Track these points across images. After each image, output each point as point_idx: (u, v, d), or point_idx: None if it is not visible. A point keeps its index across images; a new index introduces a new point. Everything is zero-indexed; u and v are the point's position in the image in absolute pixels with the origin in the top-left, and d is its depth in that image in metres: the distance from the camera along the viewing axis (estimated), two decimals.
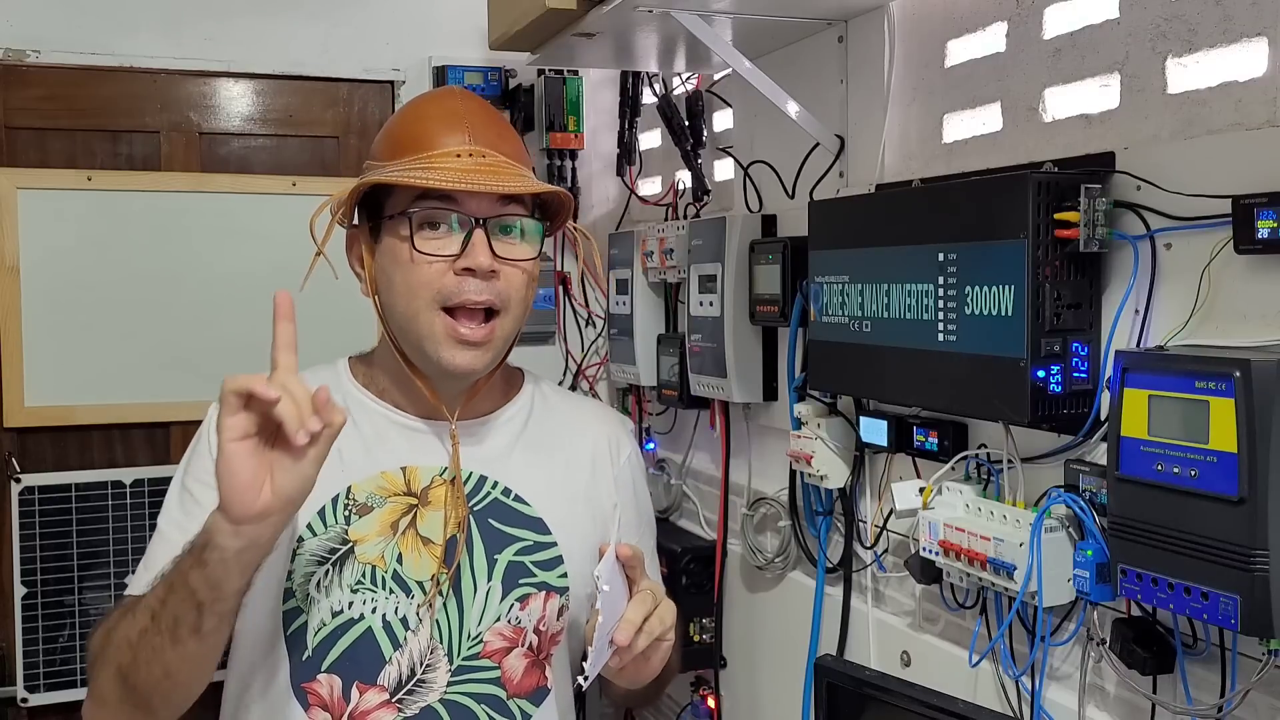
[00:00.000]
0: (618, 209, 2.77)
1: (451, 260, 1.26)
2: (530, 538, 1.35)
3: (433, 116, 1.31)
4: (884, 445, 1.66)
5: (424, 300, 1.26)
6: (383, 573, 1.29)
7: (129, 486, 2.53)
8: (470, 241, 1.26)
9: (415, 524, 1.30)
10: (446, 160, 1.26)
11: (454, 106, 1.32)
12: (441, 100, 1.35)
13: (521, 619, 1.34)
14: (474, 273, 1.26)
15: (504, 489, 1.36)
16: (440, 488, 1.32)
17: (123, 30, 2.56)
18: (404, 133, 1.31)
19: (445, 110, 1.31)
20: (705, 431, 2.33)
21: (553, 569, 1.36)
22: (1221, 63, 1.21)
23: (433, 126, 1.29)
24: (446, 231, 1.27)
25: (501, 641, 1.33)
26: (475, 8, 2.22)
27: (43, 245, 2.49)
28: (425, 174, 1.24)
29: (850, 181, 1.83)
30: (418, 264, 1.26)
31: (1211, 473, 1.07)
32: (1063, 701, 1.38)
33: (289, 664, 1.28)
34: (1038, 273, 1.29)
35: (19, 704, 2.46)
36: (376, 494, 1.31)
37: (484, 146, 1.28)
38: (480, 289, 1.26)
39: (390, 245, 1.29)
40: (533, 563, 1.35)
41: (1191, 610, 1.09)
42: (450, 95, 1.37)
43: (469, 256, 1.25)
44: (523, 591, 1.34)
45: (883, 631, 1.76)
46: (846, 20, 1.82)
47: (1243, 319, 1.16)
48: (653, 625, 1.19)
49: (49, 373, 2.50)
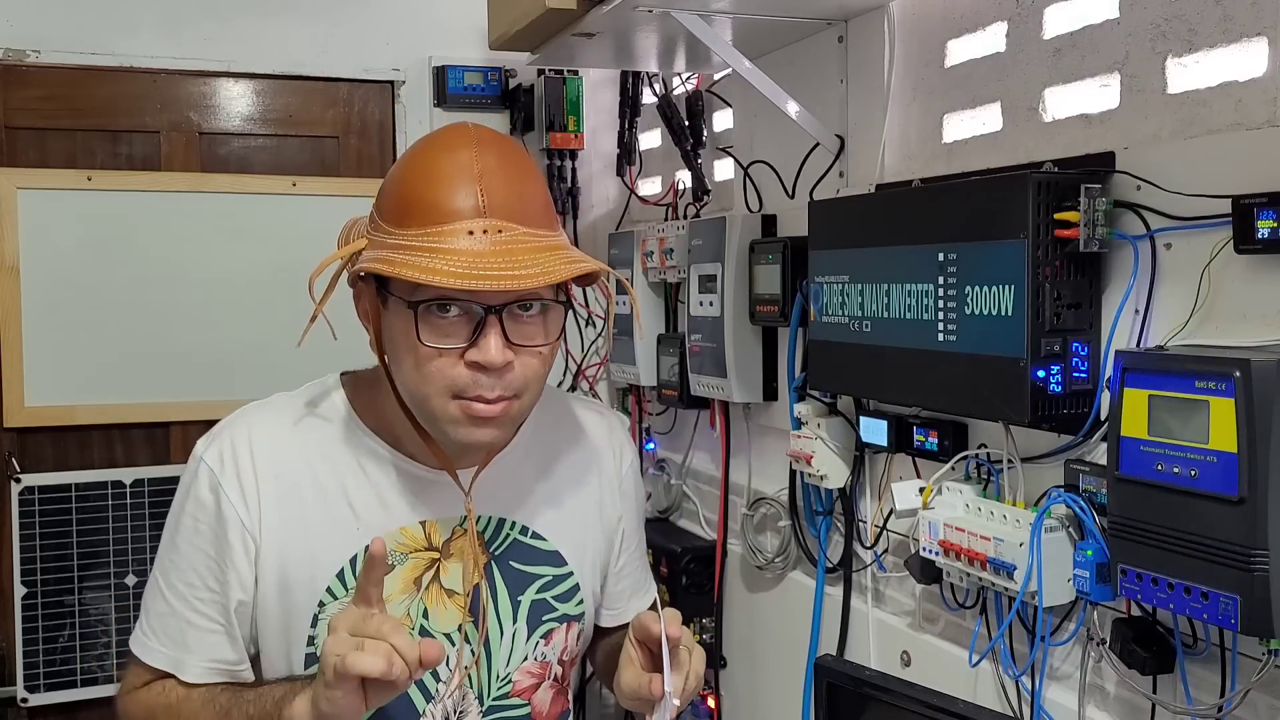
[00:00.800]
0: (618, 209, 2.77)
1: (460, 352, 1.14)
2: (549, 573, 1.33)
3: (443, 173, 1.14)
4: (884, 445, 1.66)
5: (435, 388, 1.15)
6: (409, 628, 1.23)
7: (129, 486, 2.54)
8: (482, 333, 1.13)
9: (439, 578, 1.26)
10: (456, 239, 1.11)
11: (467, 162, 1.14)
12: (454, 151, 1.16)
13: (546, 654, 1.33)
14: (485, 368, 1.14)
15: (521, 528, 1.32)
16: (461, 540, 1.27)
17: (123, 30, 2.56)
18: (411, 194, 1.15)
19: (457, 167, 1.14)
20: (705, 431, 2.33)
21: (571, 599, 1.35)
22: (1221, 62, 1.21)
23: (443, 191, 1.13)
24: (456, 315, 1.14)
25: (530, 679, 1.32)
26: (475, 8, 2.22)
27: (43, 245, 2.49)
28: (430, 262, 1.09)
29: (850, 181, 1.83)
30: (425, 355, 1.14)
31: (1211, 473, 1.07)
32: (1063, 701, 1.38)
33: None
34: (1038, 273, 1.29)
35: (19, 704, 2.46)
36: (397, 551, 1.25)
37: (501, 218, 1.12)
38: (493, 384, 1.15)
39: (396, 321, 1.16)
40: (553, 597, 1.33)
41: (1191, 610, 1.09)
42: (464, 141, 1.17)
43: (480, 351, 1.13)
44: (547, 628, 1.32)
45: (883, 631, 1.76)
46: (846, 20, 1.82)
47: (1243, 319, 1.16)
48: (691, 686, 1.20)
49: (49, 373, 2.50)
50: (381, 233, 1.16)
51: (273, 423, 1.26)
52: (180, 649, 1.23)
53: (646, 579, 1.51)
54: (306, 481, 1.24)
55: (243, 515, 1.21)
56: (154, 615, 1.25)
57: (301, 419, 1.27)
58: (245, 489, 1.22)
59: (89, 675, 2.50)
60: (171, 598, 1.24)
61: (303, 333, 1.17)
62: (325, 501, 1.24)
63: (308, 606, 1.23)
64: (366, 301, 1.21)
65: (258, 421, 1.26)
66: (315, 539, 1.23)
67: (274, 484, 1.22)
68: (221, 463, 1.22)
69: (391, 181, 1.20)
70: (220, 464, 1.22)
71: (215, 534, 1.22)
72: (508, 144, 1.22)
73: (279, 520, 1.22)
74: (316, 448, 1.25)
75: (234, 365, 2.60)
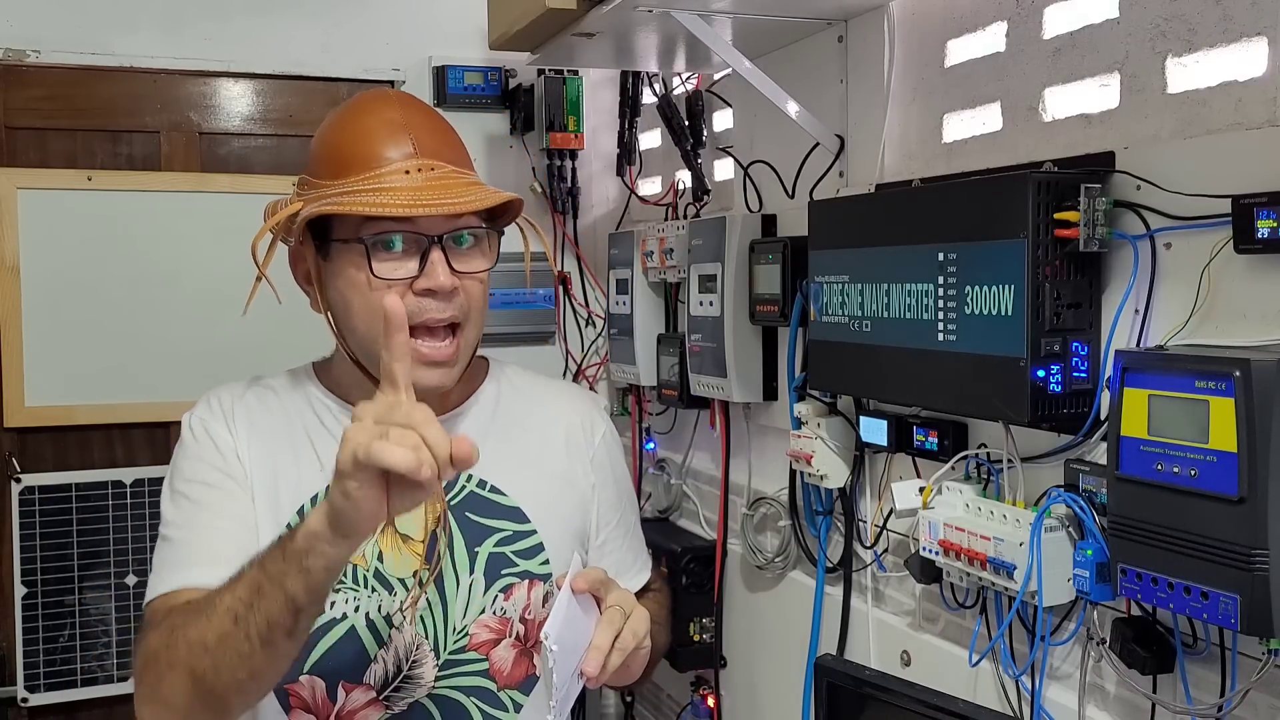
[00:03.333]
0: (618, 209, 2.77)
1: (409, 282, 1.24)
2: (509, 528, 1.36)
3: (374, 130, 1.27)
4: (884, 445, 1.66)
5: (367, 308, 1.24)
6: (364, 571, 1.29)
7: (129, 486, 2.54)
8: (429, 261, 1.24)
9: (393, 522, 1.29)
10: (395, 178, 1.23)
11: (393, 116, 1.27)
12: (379, 109, 1.30)
13: (507, 609, 1.34)
14: (434, 293, 1.24)
15: (479, 481, 1.36)
16: None
17: (123, 30, 2.56)
18: (346, 150, 1.27)
19: (385, 121, 1.27)
20: (705, 431, 2.33)
21: (534, 557, 1.37)
22: (1221, 62, 1.21)
23: (375, 141, 1.25)
24: (401, 251, 1.25)
25: (488, 634, 1.33)
26: (475, 7, 2.22)
27: (43, 245, 2.49)
28: (376, 199, 1.21)
29: (850, 181, 1.83)
30: (376, 289, 1.23)
31: (1211, 472, 1.07)
32: (1063, 701, 1.38)
33: None
34: (1038, 272, 1.29)
35: (19, 704, 2.46)
36: None
37: (430, 158, 1.25)
38: (442, 308, 1.25)
39: (343, 268, 1.27)
40: (514, 552, 1.35)
41: (1191, 610, 1.09)
42: (386, 102, 1.31)
43: (429, 278, 1.23)
44: (506, 582, 1.34)
45: (883, 631, 1.76)
46: (846, 20, 1.82)
47: (1242, 318, 1.16)
48: (625, 641, 1.16)
49: (49, 372, 2.50)
50: (318, 189, 1.27)
51: (245, 387, 1.42)
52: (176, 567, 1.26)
53: (636, 562, 1.51)
54: (278, 427, 1.36)
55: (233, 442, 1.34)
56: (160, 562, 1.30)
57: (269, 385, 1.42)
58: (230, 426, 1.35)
59: (89, 675, 2.50)
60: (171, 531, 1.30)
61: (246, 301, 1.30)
62: (293, 446, 1.34)
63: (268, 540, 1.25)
64: (308, 262, 1.31)
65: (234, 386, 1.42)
66: (282, 479, 1.32)
67: (248, 429, 1.35)
68: (206, 412, 1.37)
69: (323, 144, 1.32)
70: (206, 413, 1.36)
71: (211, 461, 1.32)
72: (425, 104, 1.37)
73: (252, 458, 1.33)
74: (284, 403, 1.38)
75: (235, 365, 2.57)
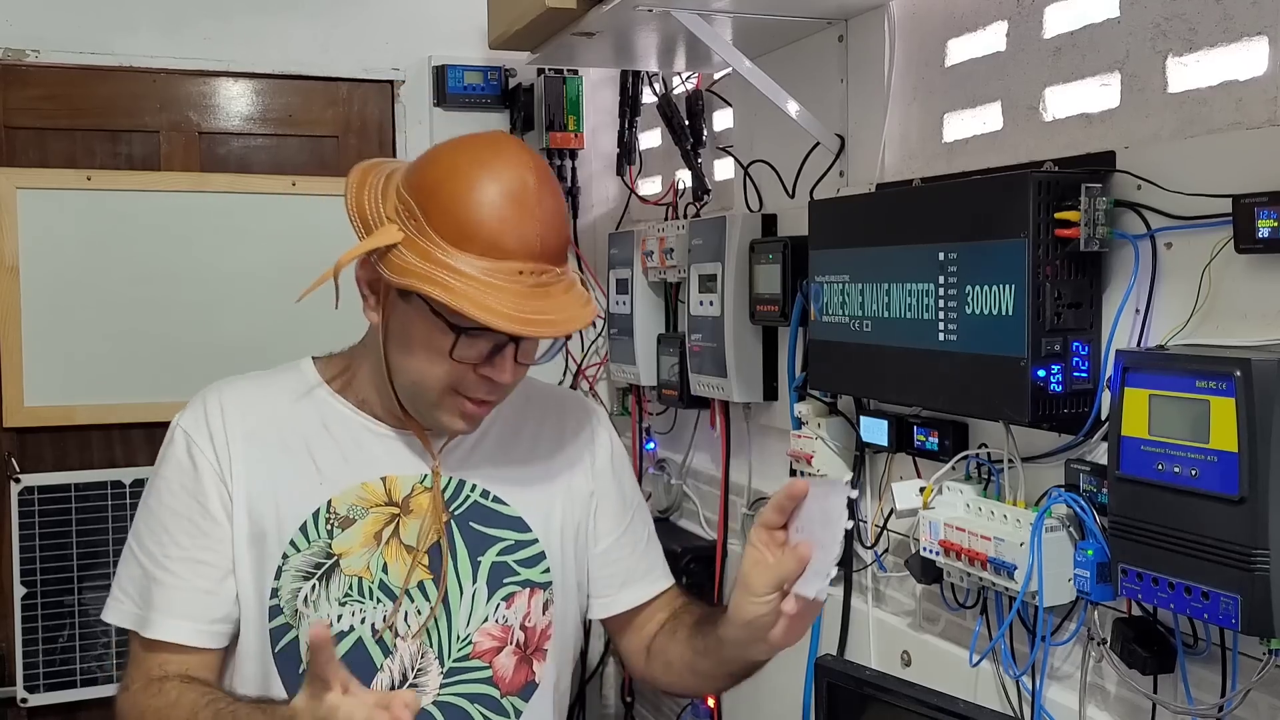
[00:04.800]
0: (618, 208, 2.77)
1: (474, 365, 1.23)
2: (511, 537, 1.36)
3: (503, 209, 1.19)
4: (884, 445, 1.66)
5: (441, 386, 1.24)
6: (369, 583, 1.29)
7: (128, 486, 2.53)
8: (501, 355, 1.23)
9: (398, 533, 1.31)
10: (508, 278, 1.18)
11: (529, 198, 1.20)
12: (514, 178, 1.20)
13: (508, 617, 1.35)
14: (494, 380, 1.24)
15: (482, 491, 1.36)
16: (421, 496, 1.32)
17: (122, 30, 2.56)
18: (470, 218, 1.19)
19: (519, 202, 1.19)
20: (705, 431, 2.33)
21: (535, 565, 1.37)
22: (1222, 62, 1.21)
23: (507, 227, 1.19)
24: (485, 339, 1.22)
25: (491, 641, 1.34)
26: (475, 7, 2.22)
27: (43, 245, 2.49)
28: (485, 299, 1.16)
29: (850, 181, 1.83)
30: (439, 358, 1.22)
31: (1212, 472, 1.07)
32: (1063, 701, 1.38)
33: (280, 680, 1.28)
34: (1038, 272, 1.29)
35: (19, 704, 2.46)
36: (358, 505, 1.30)
37: (546, 261, 1.21)
38: (493, 390, 1.26)
39: (416, 318, 1.22)
40: (515, 561, 1.36)
41: (1192, 610, 1.09)
42: (523, 169, 1.21)
43: (495, 370, 1.23)
44: (507, 591, 1.35)
45: (883, 631, 1.76)
46: (846, 19, 1.82)
47: (1243, 318, 1.16)
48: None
49: (48, 373, 2.50)
50: (429, 240, 1.19)
51: (242, 387, 1.36)
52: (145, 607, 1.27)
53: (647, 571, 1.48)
54: (273, 438, 1.30)
55: (217, 468, 1.28)
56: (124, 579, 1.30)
57: (269, 384, 1.36)
58: (217, 446, 1.29)
59: (88, 675, 2.50)
60: (143, 558, 1.29)
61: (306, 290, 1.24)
62: (291, 456, 1.30)
63: (273, 559, 1.28)
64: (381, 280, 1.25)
65: (228, 387, 1.35)
66: (281, 492, 1.29)
67: (243, 442, 1.30)
68: (195, 425, 1.31)
69: (442, 189, 1.20)
70: (194, 425, 1.31)
71: (192, 492, 1.28)
72: (549, 173, 1.27)
73: (248, 474, 1.29)
74: (283, 407, 1.33)
75: (234, 365, 2.57)
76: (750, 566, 1.20)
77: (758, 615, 1.18)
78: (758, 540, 1.21)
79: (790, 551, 1.16)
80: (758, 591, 1.18)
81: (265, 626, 1.28)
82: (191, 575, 1.27)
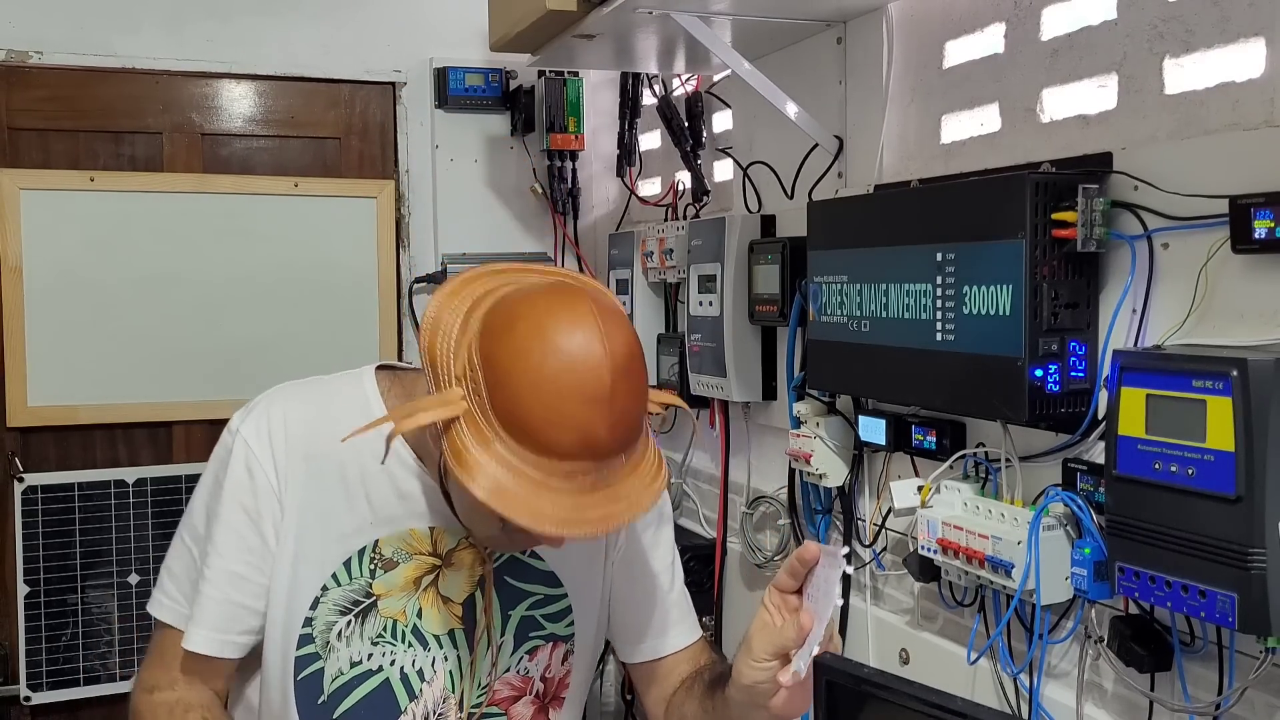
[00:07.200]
0: (618, 209, 2.77)
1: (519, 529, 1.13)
2: (542, 592, 1.36)
3: (574, 413, 1.07)
4: (882, 444, 1.67)
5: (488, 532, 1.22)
6: (403, 627, 1.29)
7: (132, 486, 2.54)
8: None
9: (437, 583, 1.30)
10: (563, 480, 1.08)
11: (599, 397, 1.07)
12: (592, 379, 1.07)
13: (529, 669, 1.35)
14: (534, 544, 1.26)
15: None
16: (464, 551, 1.31)
17: (125, 32, 2.57)
18: (535, 421, 1.07)
19: (590, 401, 1.07)
20: (705, 431, 2.34)
21: (561, 620, 1.37)
22: (1219, 63, 1.22)
23: (568, 432, 1.07)
24: None
25: (510, 690, 1.34)
26: (476, 9, 2.22)
27: (45, 246, 2.50)
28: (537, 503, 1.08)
29: (849, 182, 1.84)
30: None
31: (1209, 471, 1.07)
32: (1061, 699, 1.38)
33: (296, 707, 1.28)
34: (1035, 272, 1.29)
35: (22, 703, 2.47)
36: (403, 549, 1.29)
37: (616, 453, 1.10)
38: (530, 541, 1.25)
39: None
40: (543, 616, 1.36)
41: (1189, 608, 1.10)
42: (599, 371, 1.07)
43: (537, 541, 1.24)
44: (532, 645, 1.35)
45: (881, 629, 1.76)
46: (845, 21, 1.83)
47: (1240, 318, 1.17)
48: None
49: (52, 372, 2.51)
50: (490, 425, 1.09)
51: (306, 399, 1.31)
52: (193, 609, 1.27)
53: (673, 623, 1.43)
54: (332, 467, 1.26)
55: (275, 487, 1.25)
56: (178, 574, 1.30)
57: (335, 408, 1.28)
58: (279, 464, 1.25)
59: (91, 674, 2.51)
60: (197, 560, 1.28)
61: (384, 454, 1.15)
62: (347, 489, 1.27)
63: (312, 587, 1.26)
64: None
65: (293, 400, 1.30)
66: (332, 523, 1.27)
67: (303, 464, 1.26)
68: (257, 437, 1.26)
69: (515, 385, 1.08)
70: (256, 438, 1.26)
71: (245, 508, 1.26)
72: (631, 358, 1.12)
73: (303, 498, 1.26)
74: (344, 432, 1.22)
75: (236, 365, 2.61)
76: (757, 629, 1.19)
77: (756, 681, 1.18)
78: (769, 602, 1.20)
79: (794, 619, 1.16)
80: (758, 656, 1.18)
81: (291, 652, 1.27)
82: (229, 588, 1.26)
